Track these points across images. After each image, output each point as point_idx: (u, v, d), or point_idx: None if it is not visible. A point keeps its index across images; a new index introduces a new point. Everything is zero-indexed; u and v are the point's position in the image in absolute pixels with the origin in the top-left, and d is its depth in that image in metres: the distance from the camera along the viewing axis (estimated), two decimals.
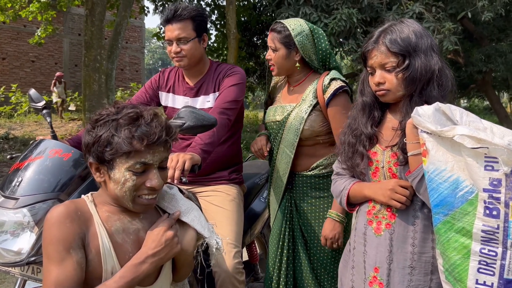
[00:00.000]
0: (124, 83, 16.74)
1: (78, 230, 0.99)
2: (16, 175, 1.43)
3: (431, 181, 1.07)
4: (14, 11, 9.90)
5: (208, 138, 1.64)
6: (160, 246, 1.05)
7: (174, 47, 1.84)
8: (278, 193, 1.89)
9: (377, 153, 1.30)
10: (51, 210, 1.00)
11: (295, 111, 1.80)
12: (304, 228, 1.85)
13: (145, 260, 1.03)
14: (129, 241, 1.06)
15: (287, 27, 1.78)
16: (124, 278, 1.00)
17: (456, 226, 1.03)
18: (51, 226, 0.98)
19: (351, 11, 6.81)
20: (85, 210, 1.04)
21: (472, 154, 0.97)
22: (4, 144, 8.13)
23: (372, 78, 1.28)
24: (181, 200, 1.17)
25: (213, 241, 1.15)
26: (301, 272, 1.84)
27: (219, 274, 1.72)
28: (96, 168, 1.04)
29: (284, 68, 1.83)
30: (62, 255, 0.96)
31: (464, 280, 1.03)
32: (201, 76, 1.94)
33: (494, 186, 0.96)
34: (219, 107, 1.78)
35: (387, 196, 1.23)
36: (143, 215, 1.12)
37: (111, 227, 1.05)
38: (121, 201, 1.05)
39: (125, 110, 1.03)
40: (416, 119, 1.09)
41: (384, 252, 1.25)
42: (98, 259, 1.01)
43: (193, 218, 1.15)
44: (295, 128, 1.78)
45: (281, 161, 1.85)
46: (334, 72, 1.81)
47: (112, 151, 0.99)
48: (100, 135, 1.00)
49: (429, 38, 1.24)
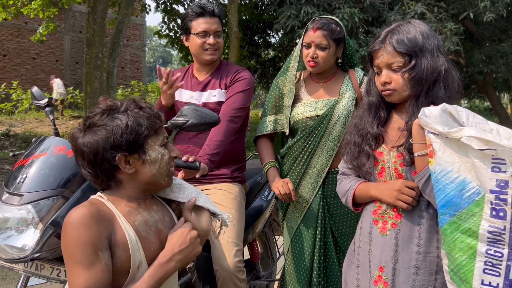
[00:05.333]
0: (125, 81, 16.75)
1: (104, 231, 0.97)
2: (20, 171, 1.43)
3: (438, 182, 1.07)
4: (16, 8, 9.90)
5: (216, 148, 1.70)
6: (185, 244, 1.06)
7: (210, 39, 1.92)
8: (310, 189, 1.85)
9: (383, 153, 1.30)
10: (71, 213, 0.97)
11: (340, 104, 1.81)
12: (335, 227, 1.84)
13: (172, 258, 1.04)
14: (151, 233, 1.07)
15: (339, 23, 1.80)
16: (154, 277, 1.00)
17: (462, 227, 1.03)
18: (76, 228, 0.94)
19: (353, 11, 6.81)
20: (106, 209, 1.02)
21: (480, 156, 0.97)
22: (5, 141, 8.14)
23: (378, 78, 1.28)
24: (188, 187, 1.21)
25: (225, 216, 1.24)
26: (332, 271, 1.83)
27: (220, 273, 1.72)
28: (125, 160, 1.03)
29: (328, 65, 1.84)
30: (91, 258, 0.93)
31: (469, 281, 1.04)
32: (211, 72, 2.00)
33: (501, 187, 0.96)
34: (227, 114, 1.82)
35: (393, 196, 1.23)
36: (156, 208, 1.13)
37: (135, 221, 1.04)
38: (157, 180, 1.08)
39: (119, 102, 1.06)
40: (423, 120, 1.09)
41: (389, 251, 1.25)
42: (126, 255, 0.99)
43: (205, 200, 1.20)
44: (343, 121, 1.79)
45: (320, 156, 1.83)
46: (359, 69, 1.88)
47: (145, 132, 1.02)
48: (125, 125, 1.00)
49: (436, 39, 1.24)
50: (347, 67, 1.92)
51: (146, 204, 1.10)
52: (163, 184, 1.11)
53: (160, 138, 1.08)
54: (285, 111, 1.90)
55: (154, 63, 49.28)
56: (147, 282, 0.98)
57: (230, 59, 8.34)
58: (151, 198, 1.15)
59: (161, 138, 1.08)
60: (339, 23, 1.81)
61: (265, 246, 2.54)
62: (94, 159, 1.01)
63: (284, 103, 1.92)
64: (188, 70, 2.06)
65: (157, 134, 1.07)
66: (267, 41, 12.41)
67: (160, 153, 1.07)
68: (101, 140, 1.00)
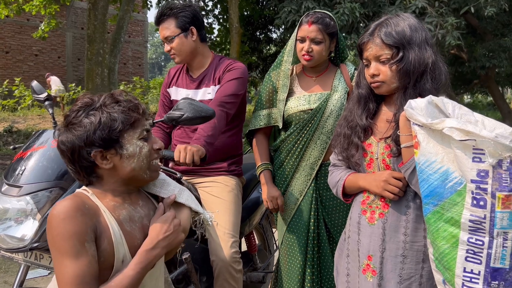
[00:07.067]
0: (127, 77, 16.78)
1: (90, 223, 0.98)
2: (19, 164, 1.47)
3: (422, 172, 1.09)
4: (18, 5, 9.93)
5: (210, 130, 1.69)
6: (169, 231, 1.09)
7: (165, 47, 1.94)
8: (303, 182, 1.88)
9: (372, 144, 1.33)
10: (56, 205, 0.98)
11: (333, 98, 1.84)
12: (328, 218, 1.88)
13: (157, 245, 1.06)
14: (136, 228, 1.09)
15: (333, 17, 1.82)
16: (140, 264, 1.02)
17: (445, 216, 1.06)
18: (61, 220, 0.95)
19: (353, 6, 6.80)
20: (90, 203, 1.04)
21: (461, 146, 1.00)
22: (8, 137, 8.20)
23: (367, 70, 1.30)
24: (172, 183, 1.22)
25: (207, 215, 1.25)
26: (326, 261, 1.87)
27: (216, 263, 1.76)
28: (101, 156, 1.04)
29: (323, 59, 1.86)
30: (77, 249, 0.94)
31: (452, 268, 1.06)
32: (204, 69, 1.98)
33: (481, 177, 0.98)
34: (217, 100, 1.82)
35: (380, 187, 1.26)
36: (142, 203, 1.15)
37: (119, 216, 1.06)
38: (138, 174, 1.08)
39: (97, 97, 1.06)
40: (408, 112, 1.12)
41: (377, 240, 1.28)
42: (110, 248, 1.01)
43: (187, 197, 1.21)
44: (336, 115, 1.82)
45: (314, 149, 1.86)
46: (350, 63, 1.90)
47: (120, 127, 1.03)
48: (98, 121, 1.01)
49: (424, 31, 1.26)
50: (338, 61, 1.95)
51: (131, 199, 1.12)
52: (145, 178, 1.11)
53: (138, 131, 1.07)
54: (279, 105, 1.91)
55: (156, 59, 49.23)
56: (134, 269, 1.01)
57: (231, 55, 8.34)
58: (138, 192, 1.16)
59: (139, 131, 1.07)
60: (333, 17, 1.83)
61: (262, 238, 2.57)
62: (72, 157, 1.04)
63: (278, 97, 1.93)
64: (182, 68, 2.07)
65: (134, 128, 1.06)
66: (268, 36, 12.40)
67: (138, 146, 1.06)
68: (75, 138, 1.02)
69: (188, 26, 1.90)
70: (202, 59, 1.98)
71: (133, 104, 1.07)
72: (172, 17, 1.89)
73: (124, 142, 1.05)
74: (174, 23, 1.88)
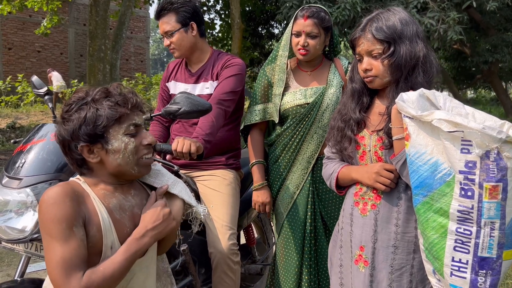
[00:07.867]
0: (129, 73, 16.82)
1: (78, 209, 1.01)
2: (19, 157, 1.50)
3: (412, 164, 1.11)
4: (20, 2, 9.96)
5: (209, 128, 1.71)
6: (158, 220, 1.11)
7: (165, 41, 1.96)
8: (300, 175, 1.90)
9: (365, 137, 1.35)
10: (46, 191, 1.01)
11: (328, 92, 1.86)
12: (324, 211, 1.91)
13: (146, 234, 1.09)
14: (126, 217, 1.11)
15: (327, 12, 1.83)
16: (128, 251, 1.05)
17: (435, 207, 1.08)
18: (50, 205, 0.98)
19: (355, 0, 6.77)
20: (81, 190, 1.07)
21: (449, 138, 1.02)
22: (11, 133, 8.26)
23: (360, 65, 1.32)
24: (166, 174, 1.24)
25: (200, 209, 1.25)
26: (322, 254, 1.89)
27: (214, 255, 1.79)
28: (88, 150, 1.07)
29: (317, 53, 1.87)
30: (66, 233, 0.97)
31: (441, 258, 1.09)
32: (202, 63, 2.00)
33: (469, 168, 1.00)
34: (216, 97, 1.84)
35: (372, 179, 1.28)
36: (134, 192, 1.17)
37: (109, 204, 1.09)
38: (125, 169, 1.10)
39: (91, 91, 1.08)
40: (399, 105, 1.14)
41: (369, 231, 1.30)
42: (99, 235, 1.04)
43: (181, 189, 1.23)
44: (332, 109, 1.84)
45: (310, 142, 1.87)
46: (343, 57, 1.93)
47: (104, 123, 1.04)
48: (84, 116, 1.04)
49: (415, 25, 1.27)
50: (332, 55, 1.96)
51: (123, 189, 1.14)
52: (133, 174, 1.12)
53: (123, 126, 1.08)
54: (275, 99, 1.92)
55: (159, 55, 49.23)
56: (123, 255, 1.04)
57: (233, 50, 8.34)
58: (131, 183, 1.18)
59: (125, 126, 1.08)
60: (327, 11, 1.84)
61: (261, 231, 2.60)
62: (64, 149, 1.08)
63: (273, 92, 1.94)
64: (181, 62, 2.09)
65: (120, 123, 1.07)
66: (270, 32, 12.38)
67: (123, 142, 1.07)
68: (65, 131, 1.06)
69: (189, 21, 1.92)
70: (201, 54, 2.00)
71: (122, 99, 1.08)
72: (172, 11, 1.90)
73: (110, 137, 1.07)
74: (174, 18, 1.90)
